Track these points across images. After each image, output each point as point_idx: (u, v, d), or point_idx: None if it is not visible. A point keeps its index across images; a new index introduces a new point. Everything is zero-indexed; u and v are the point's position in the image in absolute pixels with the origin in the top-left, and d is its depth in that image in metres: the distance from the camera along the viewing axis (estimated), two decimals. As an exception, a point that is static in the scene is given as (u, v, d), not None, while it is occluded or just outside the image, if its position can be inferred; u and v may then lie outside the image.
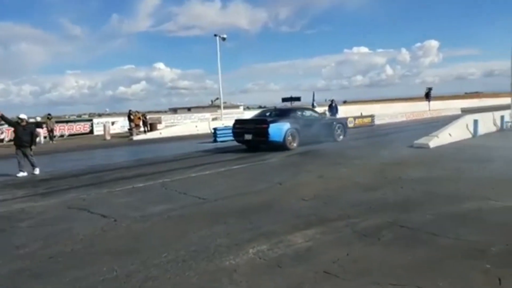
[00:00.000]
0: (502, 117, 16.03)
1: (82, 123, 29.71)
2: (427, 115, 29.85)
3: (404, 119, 27.58)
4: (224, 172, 8.83)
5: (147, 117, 29.89)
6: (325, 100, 30.67)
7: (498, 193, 5.84)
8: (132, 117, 26.16)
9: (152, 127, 27.03)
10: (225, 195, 6.36)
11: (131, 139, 22.86)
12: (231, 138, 16.53)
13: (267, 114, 14.06)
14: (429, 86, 34.28)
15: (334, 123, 15.30)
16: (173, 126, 28.73)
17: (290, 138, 12.67)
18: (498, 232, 4.16)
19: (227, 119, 38.45)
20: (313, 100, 22.33)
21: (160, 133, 24.84)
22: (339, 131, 14.99)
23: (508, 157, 9.07)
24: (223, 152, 13.17)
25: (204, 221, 4.94)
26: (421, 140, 11.74)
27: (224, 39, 29.43)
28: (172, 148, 15.67)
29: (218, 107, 77.79)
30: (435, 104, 49.05)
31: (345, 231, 4.35)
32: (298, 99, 22.18)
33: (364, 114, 26.12)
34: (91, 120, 31.44)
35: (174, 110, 77.81)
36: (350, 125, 23.27)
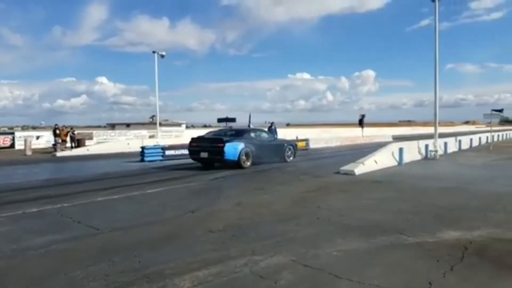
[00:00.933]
0: (426, 146, 16.72)
1: (2, 136, 27.23)
2: (360, 141, 30.84)
3: (338, 144, 28.22)
4: (136, 197, 8.09)
5: (75, 132, 28.02)
6: (265, 122, 30.71)
7: (413, 225, 5.71)
8: (58, 131, 24.35)
9: (80, 143, 25.30)
10: (125, 225, 5.67)
11: (54, 155, 21.25)
12: (160, 158, 15.97)
13: (223, 133, 14.56)
14: (364, 113, 35.57)
15: (285, 144, 15.95)
16: (104, 143, 27.20)
17: (244, 157, 13.27)
18: (402, 275, 3.89)
19: (165, 137, 37.46)
20: (249, 122, 22.11)
21: (88, 150, 23.29)
22: (289, 152, 15.75)
23: (429, 187, 9.24)
24: (144, 174, 12.39)
25: (86, 258, 4.24)
26: (347, 167, 11.75)
27: (162, 56, 28.75)
28: (94, 167, 14.58)
29: (159, 124, 75.74)
30: (369, 131, 51.25)
31: (243, 271, 3.87)
32: (233, 120, 21.91)
33: (300, 137, 26.31)
34: (12, 133, 28.95)
35: (112, 126, 74.41)
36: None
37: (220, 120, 22.86)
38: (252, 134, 14.76)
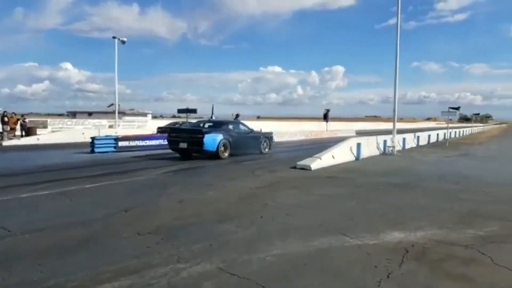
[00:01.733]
0: (384, 142, 16.80)
1: None
2: (325, 135, 30.95)
3: (303, 137, 28.15)
4: (70, 192, 7.45)
5: (26, 120, 26.55)
6: (232, 114, 30.19)
7: (358, 225, 5.47)
8: (6, 119, 22.93)
9: (30, 132, 23.96)
10: (42, 226, 5.10)
11: (0, 144, 19.91)
12: (112, 149, 15.21)
13: (201, 125, 14.94)
14: (329, 108, 35.75)
15: (261, 137, 16.47)
16: (58, 132, 25.90)
17: (222, 148, 13.71)
18: (333, 284, 3.59)
19: (126, 128, 36.21)
20: (212, 113, 21.61)
21: (38, 139, 22.06)
22: (265, 144, 16.34)
23: (381, 183, 9.12)
24: (90, 166, 11.70)
25: (-18, 267, 3.68)
26: (304, 162, 11.51)
27: (123, 42, 27.62)
28: (37, 158, 13.71)
29: (123, 113, 73.60)
30: (335, 125, 51.76)
31: (159, 283, 3.45)
32: (194, 111, 21.37)
33: (264, 131, 25.93)
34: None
35: (73, 114, 71.34)
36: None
37: (180, 111, 22.26)
38: (230, 126, 15.04)
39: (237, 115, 24.66)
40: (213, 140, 13.44)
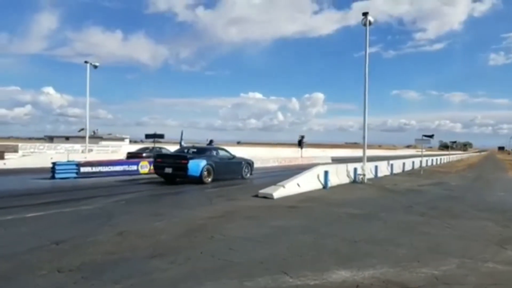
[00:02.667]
0: (355, 169, 16.52)
1: None
2: (299, 161, 30.65)
3: (276, 164, 27.79)
4: (8, 221, 6.94)
5: (-5, 143, 25.53)
6: (206, 140, 29.73)
7: (304, 262, 5.01)
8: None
9: (-3, 156, 22.99)
10: None
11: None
12: (74, 175, 14.57)
13: (185, 151, 15.64)
14: (304, 134, 35.61)
15: (243, 162, 17.17)
16: (27, 157, 24.97)
17: (205, 173, 14.28)
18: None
19: (101, 152, 35.30)
20: (181, 139, 21.10)
21: (5, 164, 21.12)
22: (246, 170, 17.05)
23: (343, 214, 8.72)
24: (43, 193, 11.08)
25: None
26: (266, 190, 11.07)
27: (95, 67, 27.26)
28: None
29: (100, 138, 72.37)
30: (311, 152, 51.76)
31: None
32: (161, 136, 20.94)
33: (237, 156, 25.55)
34: None
35: (51, 138, 70.08)
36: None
37: (148, 136, 21.76)
38: (214, 152, 15.84)
39: (211, 141, 24.24)
40: (197, 165, 13.99)
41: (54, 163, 14.88)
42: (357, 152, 64.92)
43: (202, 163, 14.24)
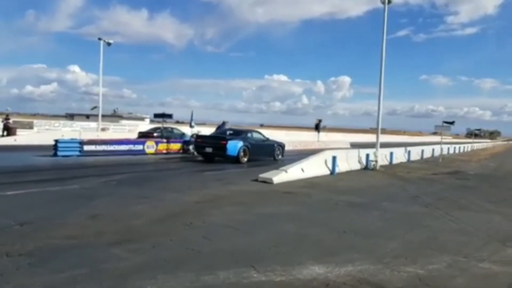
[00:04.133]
0: (367, 156, 15.87)
1: None
2: (315, 146, 29.90)
3: (290, 148, 27.14)
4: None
5: (11, 120, 25.95)
6: (223, 122, 29.44)
7: (278, 254, 4.63)
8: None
9: (10, 132, 23.33)
10: None
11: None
12: (77, 153, 14.53)
13: (224, 133, 16.63)
14: (321, 118, 34.79)
15: (275, 145, 18.15)
16: (39, 133, 25.28)
17: (242, 153, 15.36)
18: None
19: (118, 131, 35.57)
20: (191, 119, 20.78)
21: (15, 140, 21.40)
22: (278, 151, 18.09)
23: (341, 202, 8.25)
24: (37, 170, 11.01)
25: None
26: (267, 174, 10.64)
27: (109, 44, 26.99)
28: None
29: (120, 116, 72.94)
30: (333, 136, 50.87)
31: None
32: (170, 116, 20.63)
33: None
34: None
35: (71, 116, 71.29)
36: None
37: (156, 116, 21.47)
38: (249, 135, 16.82)
39: (223, 122, 23.91)
40: (234, 146, 15.13)
41: (56, 140, 14.80)
42: (382, 138, 63.47)
43: (239, 144, 15.33)
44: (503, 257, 4.98)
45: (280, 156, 17.99)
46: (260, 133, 18.35)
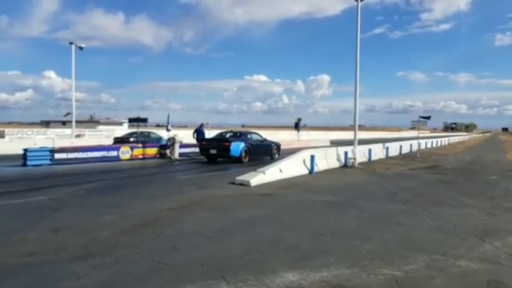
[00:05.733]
0: (345, 153, 15.82)
1: None
2: (295, 145, 29.78)
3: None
4: None
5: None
6: (206, 123, 29.04)
7: (251, 262, 4.42)
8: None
9: (-23, 142, 22.41)
10: None
11: None
12: (48, 161, 13.99)
13: (226, 135, 17.91)
14: (300, 117, 34.74)
15: (272, 145, 19.17)
16: (10, 142, 24.37)
17: (244, 154, 16.46)
18: None
19: (95, 137, 34.67)
20: (168, 123, 20.36)
21: (-21, 150, 20.49)
22: (275, 151, 19.00)
23: (319, 202, 8.09)
24: (4, 182, 10.45)
25: None
26: (244, 177, 10.42)
27: (81, 48, 26.31)
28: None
29: (97, 122, 71.48)
30: (313, 134, 51.00)
31: None
32: (145, 120, 20.17)
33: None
34: None
35: (47, 123, 69.31)
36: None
37: (131, 120, 20.98)
38: (249, 136, 17.91)
39: (201, 124, 23.61)
40: (237, 147, 16.20)
41: (25, 150, 14.19)
42: (361, 134, 64.03)
43: (241, 145, 16.43)
44: (481, 253, 4.89)
45: (277, 155, 18.62)
46: (258, 134, 19.31)
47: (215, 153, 16.57)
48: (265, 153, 18.23)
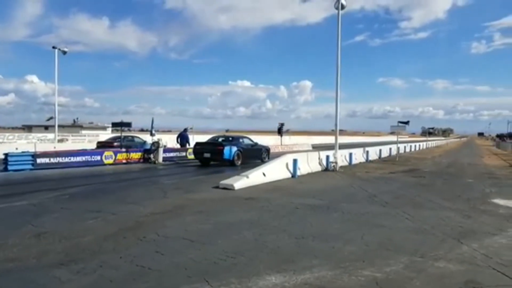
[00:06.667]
0: (327, 157, 16.03)
1: None
2: (278, 149, 29.95)
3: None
4: None
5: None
6: (191, 128, 29.04)
7: (233, 266, 4.46)
8: None
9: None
10: None
11: None
12: (30, 166, 13.80)
13: (219, 140, 19.05)
14: (283, 122, 34.95)
15: (263, 148, 19.99)
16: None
17: (236, 157, 17.29)
18: None
19: (78, 142, 34.11)
20: (152, 127, 20.27)
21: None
22: (264, 154, 19.61)
23: (301, 205, 8.20)
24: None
25: None
26: (228, 181, 10.46)
27: (64, 52, 25.98)
28: None
29: (80, 126, 70.30)
30: (296, 139, 51.30)
31: None
32: (129, 124, 20.07)
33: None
34: None
35: (29, 128, 67.81)
36: (191, 156, 21.72)
37: (114, 124, 20.85)
38: (241, 140, 18.80)
39: (185, 129, 23.79)
40: (230, 151, 16.99)
41: (6, 154, 13.92)
42: (342, 139, 64.65)
43: (234, 149, 17.21)
44: (459, 255, 5.05)
45: (266, 159, 19.01)
46: (249, 138, 20.12)
47: (209, 156, 17.26)
48: (256, 157, 18.76)
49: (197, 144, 18.87)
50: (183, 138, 23.32)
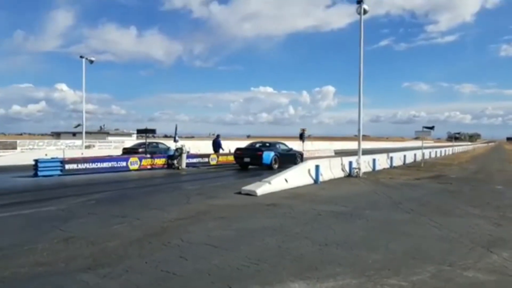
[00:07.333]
0: (350, 163, 15.87)
1: None
2: (300, 155, 29.88)
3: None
4: None
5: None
6: (209, 134, 29.41)
7: (257, 273, 4.47)
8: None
9: (-14, 153, 22.70)
10: None
11: None
12: (58, 172, 14.21)
13: (257, 145, 20.19)
14: (305, 127, 34.87)
15: (297, 153, 21.19)
16: (21, 153, 24.68)
17: (274, 162, 18.43)
18: None
19: (104, 148, 34.91)
20: (175, 134, 20.53)
21: (-5, 161, 20.80)
22: (298, 159, 20.21)
23: (324, 212, 8.13)
24: (12, 192, 10.66)
25: None
26: (250, 187, 10.49)
27: (91, 61, 26.72)
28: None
29: (107, 133, 71.86)
30: (318, 144, 51.00)
31: None
32: (153, 131, 20.48)
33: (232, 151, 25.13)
34: None
35: (58, 134, 69.85)
36: (213, 162, 21.88)
37: (139, 131, 21.29)
38: (277, 146, 20.12)
39: (218, 135, 24.88)
40: (268, 156, 18.34)
41: (36, 160, 14.41)
42: (365, 144, 63.83)
43: (272, 154, 18.52)
44: (488, 264, 4.90)
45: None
46: (285, 144, 21.40)
47: (249, 161, 18.80)
48: (291, 161, 19.08)
49: (238, 149, 20.08)
50: (216, 144, 24.01)
